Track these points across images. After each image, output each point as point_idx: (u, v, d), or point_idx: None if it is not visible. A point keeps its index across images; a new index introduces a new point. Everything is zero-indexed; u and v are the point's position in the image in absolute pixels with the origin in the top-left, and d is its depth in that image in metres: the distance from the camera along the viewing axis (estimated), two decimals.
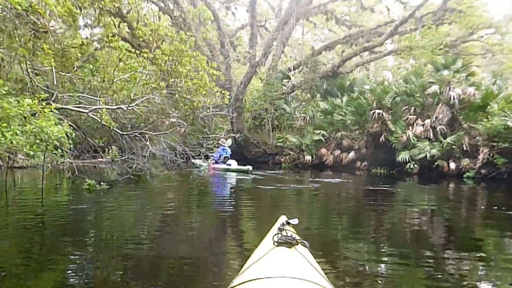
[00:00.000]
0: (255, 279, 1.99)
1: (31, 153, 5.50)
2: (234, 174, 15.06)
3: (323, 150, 18.03)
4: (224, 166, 16.01)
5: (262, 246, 2.72)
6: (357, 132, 17.75)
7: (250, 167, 15.07)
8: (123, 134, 6.62)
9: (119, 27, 28.24)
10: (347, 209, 8.55)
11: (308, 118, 19.74)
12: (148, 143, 7.58)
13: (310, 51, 23.40)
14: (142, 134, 8.22)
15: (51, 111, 5.94)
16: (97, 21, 21.17)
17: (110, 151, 20.02)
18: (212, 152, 16.50)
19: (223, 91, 8.49)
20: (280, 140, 19.78)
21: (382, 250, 5.00)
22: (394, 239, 5.70)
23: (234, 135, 17.57)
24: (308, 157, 18.14)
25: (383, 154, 16.49)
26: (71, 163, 10.14)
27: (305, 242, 2.56)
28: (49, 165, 11.09)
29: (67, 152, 8.90)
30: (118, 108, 6.54)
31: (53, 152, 11.05)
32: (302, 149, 18.63)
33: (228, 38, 25.75)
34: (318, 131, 18.36)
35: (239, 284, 2.00)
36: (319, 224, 6.74)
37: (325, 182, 13.25)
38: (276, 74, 23.01)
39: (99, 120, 6.52)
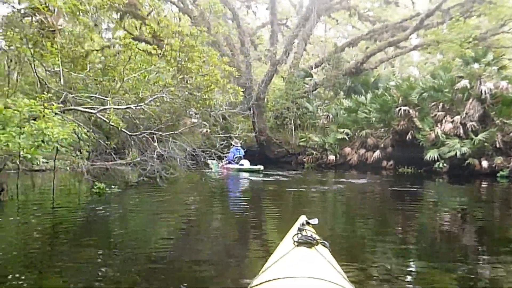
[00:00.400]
0: (275, 279, 1.99)
1: (29, 156, 5.25)
2: (246, 174, 15.01)
3: (347, 149, 17.48)
4: (237, 166, 16.14)
5: (282, 246, 2.71)
6: (382, 130, 17.10)
7: (261, 167, 15.30)
8: (131, 135, 6.33)
9: (140, 29, 28.47)
10: (372, 211, 8.05)
11: (331, 116, 19.20)
12: (156, 143, 7.23)
13: (333, 48, 22.82)
14: (151, 134, 7.89)
15: (56, 113, 5.70)
16: (118, 24, 21.27)
17: (130, 153, 20.08)
18: (227, 153, 16.56)
19: (236, 88, 8.02)
20: (302, 140, 19.30)
21: (410, 253, 4.63)
22: (423, 242, 5.31)
23: (250, 134, 17.23)
24: (331, 157, 17.62)
25: (410, 153, 15.82)
26: (91, 165, 9.99)
27: (325, 242, 2.55)
28: (67, 167, 10.98)
29: (80, 154, 8.72)
30: (127, 108, 6.24)
31: (71, 154, 10.94)
32: (326, 148, 18.12)
33: (249, 36, 25.49)
34: (342, 130, 17.83)
35: (259, 284, 2.02)
36: (343, 226, 6.38)
37: (350, 183, 12.73)
38: (298, 72, 22.54)
39: (107, 121, 6.25)
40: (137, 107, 6.17)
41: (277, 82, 23.57)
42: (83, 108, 6.88)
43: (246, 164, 16.08)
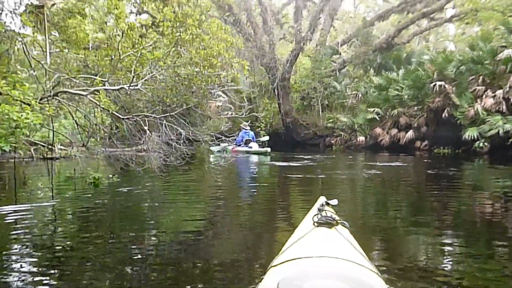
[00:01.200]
0: (295, 259, 2.02)
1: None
2: (255, 157, 15.02)
3: (378, 130, 16.40)
4: (245, 148, 16.18)
5: (301, 226, 2.65)
6: (415, 108, 15.87)
7: (269, 149, 15.44)
8: (123, 118, 5.62)
9: (162, 11, 27.88)
10: (405, 196, 7.20)
11: (360, 95, 18.08)
12: (146, 128, 6.44)
13: (362, 22, 21.49)
14: (145, 118, 7.10)
15: (42, 102, 5.06)
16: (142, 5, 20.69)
17: (148, 139, 19.61)
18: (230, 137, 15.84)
19: (242, 62, 7.13)
20: (330, 121, 18.31)
21: (446, 241, 4.10)
22: (460, 230, 4.64)
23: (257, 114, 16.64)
24: (361, 138, 16.59)
25: (446, 132, 14.63)
26: (105, 152, 9.43)
27: (345, 222, 2.51)
28: (80, 155, 10.54)
29: (85, 142, 8.16)
30: (121, 88, 5.53)
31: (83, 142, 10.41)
32: (355, 129, 17.09)
33: (273, 14, 24.46)
34: (372, 109, 16.72)
35: (279, 264, 2.04)
36: (373, 213, 5.73)
37: (380, 166, 11.78)
38: (325, 50, 21.41)
39: (98, 104, 5.58)
40: (130, 88, 5.42)
41: (303, 61, 22.52)
42: (74, 90, 6.21)
43: (254, 146, 16.11)
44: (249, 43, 20.15)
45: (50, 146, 12.59)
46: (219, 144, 14.89)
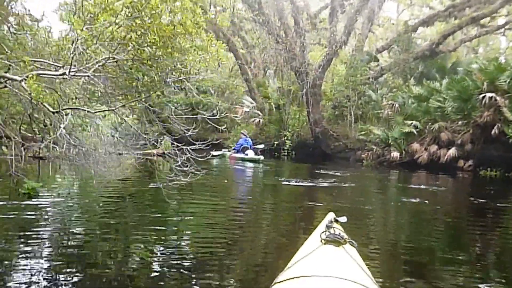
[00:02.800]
0: (301, 276, 2.00)
1: None
2: (250, 164, 15.27)
3: (415, 146, 14.59)
4: (242, 155, 16.52)
5: (308, 242, 2.66)
6: (460, 122, 13.95)
7: (262, 157, 15.97)
8: (54, 112, 4.28)
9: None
10: (441, 227, 6.10)
11: (397, 106, 16.29)
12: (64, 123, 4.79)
13: (403, 26, 19.69)
14: (76, 111, 5.58)
15: None
16: None
17: (163, 142, 18.53)
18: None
19: (218, 44, 5.49)
20: (362, 133, 16.60)
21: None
22: (498, 275, 3.91)
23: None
24: (395, 154, 14.82)
25: (495, 151, 12.72)
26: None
27: (353, 241, 2.48)
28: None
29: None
30: (62, 75, 4.22)
31: None
32: (389, 143, 15.32)
33: (308, 18, 23.07)
34: (410, 122, 14.92)
35: (284, 280, 2.02)
36: (406, 243, 5.02)
37: (416, 188, 10.14)
38: (362, 56, 19.74)
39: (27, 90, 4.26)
40: (71, 74, 4.10)
41: (337, 68, 20.92)
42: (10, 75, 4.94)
43: (250, 154, 16.42)
44: (278, 46, 18.85)
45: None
46: (220, 150, 16.94)
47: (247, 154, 16.39)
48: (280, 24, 18.77)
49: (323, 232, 2.56)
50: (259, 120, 22.84)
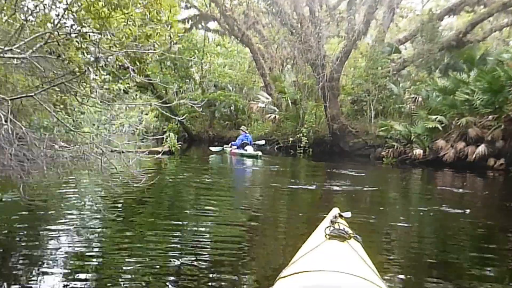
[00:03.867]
0: (305, 271, 2.00)
1: None
2: (249, 159, 15.64)
3: (441, 142, 13.42)
4: (241, 151, 17.04)
5: (313, 237, 2.66)
6: (490, 117, 12.70)
7: (260, 153, 16.06)
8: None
9: (210, 6, 26.25)
10: (467, 237, 5.27)
11: (420, 99, 15.15)
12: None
13: (428, 15, 18.41)
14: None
15: None
16: None
17: (169, 139, 17.76)
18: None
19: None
20: (383, 129, 15.48)
21: None
22: None
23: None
24: (418, 151, 13.68)
25: None
26: None
27: (358, 236, 2.50)
28: None
29: None
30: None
31: None
32: (411, 140, 14.20)
33: (327, 10, 21.98)
34: (434, 117, 13.75)
35: (289, 275, 2.02)
36: (429, 252, 4.47)
37: (441, 190, 9.10)
38: (383, 48, 18.56)
39: None
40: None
41: (356, 60, 19.78)
42: None
43: (249, 150, 16.86)
44: (293, 37, 17.89)
45: None
46: (221, 146, 18.71)
47: (246, 150, 16.89)
48: (295, 14, 17.79)
49: (327, 227, 2.55)
50: (275, 116, 21.92)
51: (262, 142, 19.52)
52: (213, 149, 19.03)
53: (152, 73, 31.86)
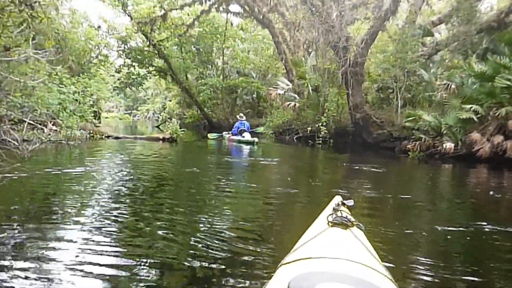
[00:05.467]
0: (307, 258, 2.00)
1: None
2: (246, 146, 15.93)
3: (475, 135, 11.77)
4: (239, 137, 17.40)
5: (315, 225, 2.64)
6: None
7: (256, 139, 16.50)
8: None
9: None
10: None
11: (453, 87, 13.48)
12: None
13: None
14: None
15: None
16: None
17: (170, 125, 16.67)
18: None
19: None
20: (410, 119, 13.90)
21: None
22: None
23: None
24: (449, 145, 12.08)
25: None
26: None
27: (360, 224, 2.49)
28: None
29: None
30: None
31: None
32: (441, 132, 12.58)
33: None
34: (469, 106, 12.09)
35: (291, 262, 2.02)
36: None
37: (473, 192, 7.65)
38: (413, 30, 16.82)
39: None
40: None
41: (382, 43, 18.11)
42: None
43: (247, 136, 17.25)
44: (314, 17, 16.42)
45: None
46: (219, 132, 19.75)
47: (243, 137, 17.28)
48: None
49: (330, 214, 2.55)
50: (295, 104, 20.56)
51: (261, 129, 20.83)
52: (210, 135, 19.78)
53: (172, 58, 31.08)
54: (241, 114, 19.60)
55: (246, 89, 31.63)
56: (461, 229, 4.53)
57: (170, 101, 48.38)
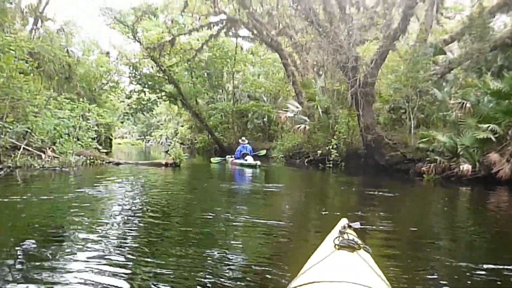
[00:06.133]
0: (315, 282, 1.96)
1: None
2: (249, 169, 15.88)
3: (494, 156, 11.12)
4: (241, 161, 17.50)
5: (322, 248, 2.61)
6: None
7: (259, 162, 16.58)
8: None
9: (239, 11, 24.93)
10: None
11: (469, 105, 12.90)
12: None
13: (477, 10, 16.06)
14: None
15: None
16: None
17: (173, 149, 16.23)
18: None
19: None
20: (424, 140, 13.31)
21: None
22: None
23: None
24: (466, 166, 11.42)
25: None
26: None
27: (367, 247, 2.45)
28: None
29: None
30: None
31: None
32: (458, 153, 11.96)
33: (364, 11, 20.13)
34: (486, 125, 11.48)
35: (298, 286, 1.99)
36: None
37: (495, 218, 7.01)
38: (425, 48, 16.35)
39: None
40: None
41: (393, 63, 17.64)
42: None
43: (249, 160, 17.29)
44: (322, 38, 16.09)
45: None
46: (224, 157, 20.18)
47: (246, 160, 17.38)
48: (323, 12, 16.02)
49: (336, 237, 2.50)
50: (305, 127, 20.10)
51: (263, 152, 20.87)
52: (213, 160, 19.88)
53: (182, 83, 31.05)
54: (243, 138, 20.09)
55: (256, 113, 31.34)
56: (482, 263, 3.95)
57: (182, 126, 48.46)
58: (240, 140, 19.88)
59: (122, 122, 37.35)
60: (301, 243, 4.74)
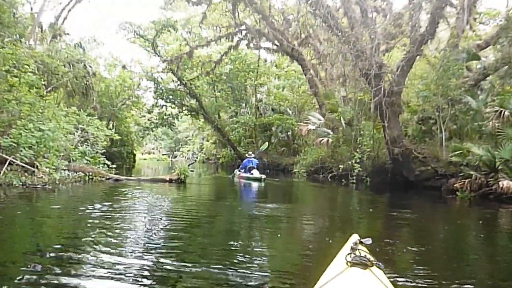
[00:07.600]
0: None
1: None
2: (255, 183, 15.89)
3: None
4: (248, 174, 17.41)
5: (334, 265, 2.58)
6: None
7: (264, 176, 16.50)
8: None
9: (259, 22, 24.19)
10: None
11: (507, 114, 11.53)
12: None
13: None
14: None
15: None
16: None
17: (179, 164, 15.35)
18: None
19: None
20: (457, 153, 11.97)
21: None
22: None
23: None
24: (506, 183, 10.01)
25: None
26: None
27: (380, 264, 2.41)
28: None
29: None
30: None
31: None
32: (496, 168, 10.58)
33: (391, 17, 18.93)
34: None
35: None
36: None
37: None
38: (457, 54, 15.03)
39: None
40: None
41: (422, 70, 16.35)
42: None
43: (255, 173, 17.17)
44: (342, 44, 15.03)
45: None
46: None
47: (252, 174, 17.23)
48: (344, 17, 14.99)
49: (348, 254, 2.48)
50: (328, 140, 18.94)
51: (265, 145, 22.22)
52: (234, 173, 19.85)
53: (204, 97, 30.45)
54: (250, 152, 20.24)
55: (280, 127, 30.31)
56: None
57: (208, 141, 47.91)
58: (246, 154, 20.08)
59: (142, 138, 36.94)
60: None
